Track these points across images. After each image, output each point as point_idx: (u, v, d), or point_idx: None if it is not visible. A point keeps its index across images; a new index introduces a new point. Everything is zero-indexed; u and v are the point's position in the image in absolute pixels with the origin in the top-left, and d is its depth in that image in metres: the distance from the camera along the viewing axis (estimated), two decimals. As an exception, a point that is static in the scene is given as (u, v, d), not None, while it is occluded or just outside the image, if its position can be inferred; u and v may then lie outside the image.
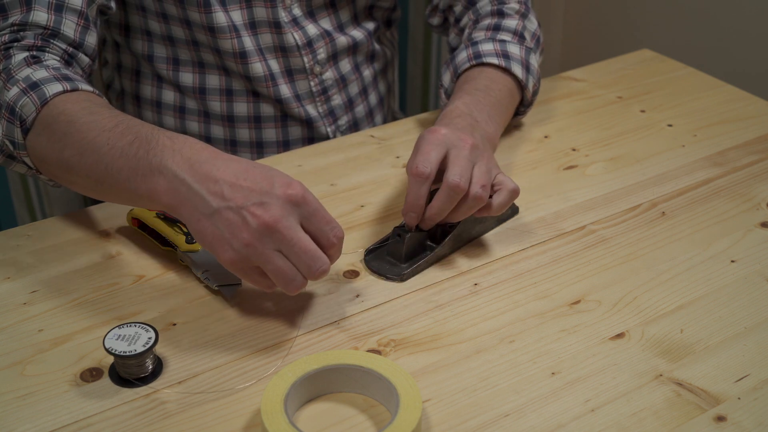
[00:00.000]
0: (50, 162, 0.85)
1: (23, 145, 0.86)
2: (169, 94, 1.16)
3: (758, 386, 0.74)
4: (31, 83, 0.86)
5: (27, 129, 0.86)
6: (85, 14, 0.96)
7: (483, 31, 1.10)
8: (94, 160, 0.80)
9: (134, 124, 0.80)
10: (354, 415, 0.71)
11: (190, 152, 0.76)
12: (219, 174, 0.74)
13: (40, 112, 0.85)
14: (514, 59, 1.06)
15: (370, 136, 1.12)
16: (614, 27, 2.13)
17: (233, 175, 0.74)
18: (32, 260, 0.88)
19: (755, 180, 1.03)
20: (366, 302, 0.83)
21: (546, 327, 0.80)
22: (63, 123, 0.83)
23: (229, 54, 1.11)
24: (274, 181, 0.74)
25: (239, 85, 1.14)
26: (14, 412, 0.71)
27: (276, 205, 0.72)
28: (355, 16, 1.20)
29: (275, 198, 0.73)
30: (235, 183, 0.73)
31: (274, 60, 1.13)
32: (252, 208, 0.72)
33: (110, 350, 0.71)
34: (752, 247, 0.91)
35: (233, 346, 0.78)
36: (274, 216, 0.72)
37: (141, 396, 0.72)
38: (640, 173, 1.05)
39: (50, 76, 0.87)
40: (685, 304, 0.83)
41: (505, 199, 0.88)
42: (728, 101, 1.22)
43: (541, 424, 0.70)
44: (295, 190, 0.73)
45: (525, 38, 1.10)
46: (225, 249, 0.73)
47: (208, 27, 1.08)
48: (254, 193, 0.73)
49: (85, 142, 0.81)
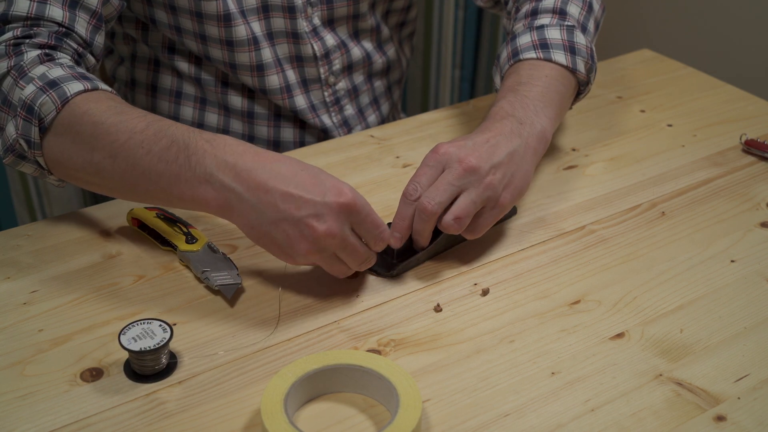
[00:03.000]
0: (73, 164, 0.84)
1: (39, 144, 0.84)
2: (189, 88, 1.16)
3: (758, 386, 0.74)
4: (48, 81, 0.84)
5: (45, 128, 0.84)
6: (99, 14, 0.94)
7: (522, 21, 1.03)
8: (129, 164, 0.80)
9: (165, 125, 0.80)
10: (354, 415, 0.71)
11: (234, 158, 0.76)
12: (270, 183, 0.75)
13: (61, 112, 0.83)
14: (554, 46, 0.97)
15: (370, 136, 1.12)
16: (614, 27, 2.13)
17: (283, 182, 0.75)
18: (32, 260, 0.88)
19: (755, 180, 1.03)
20: (366, 302, 0.83)
21: (546, 327, 0.80)
22: (88, 124, 0.82)
23: (245, 67, 1.10)
24: (325, 189, 0.75)
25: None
26: (14, 412, 0.71)
27: (330, 216, 0.75)
28: (376, 27, 1.19)
29: (328, 208, 0.75)
30: (286, 192, 0.75)
31: (291, 71, 1.13)
32: (307, 219, 0.75)
33: (127, 347, 0.72)
34: (752, 247, 0.91)
35: (233, 346, 0.78)
36: (331, 229, 0.75)
37: (141, 396, 0.72)
38: (640, 173, 1.05)
39: (68, 74, 0.85)
40: (685, 304, 0.83)
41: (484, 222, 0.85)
42: (728, 101, 1.22)
43: (541, 424, 0.70)
44: (346, 198, 0.76)
45: (566, 13, 1.01)
46: (285, 257, 0.79)
47: (227, 41, 1.08)
48: (308, 205, 0.75)
49: (116, 144, 0.80)
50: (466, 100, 1.43)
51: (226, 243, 0.91)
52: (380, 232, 0.79)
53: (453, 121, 1.16)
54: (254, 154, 0.77)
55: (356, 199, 0.76)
